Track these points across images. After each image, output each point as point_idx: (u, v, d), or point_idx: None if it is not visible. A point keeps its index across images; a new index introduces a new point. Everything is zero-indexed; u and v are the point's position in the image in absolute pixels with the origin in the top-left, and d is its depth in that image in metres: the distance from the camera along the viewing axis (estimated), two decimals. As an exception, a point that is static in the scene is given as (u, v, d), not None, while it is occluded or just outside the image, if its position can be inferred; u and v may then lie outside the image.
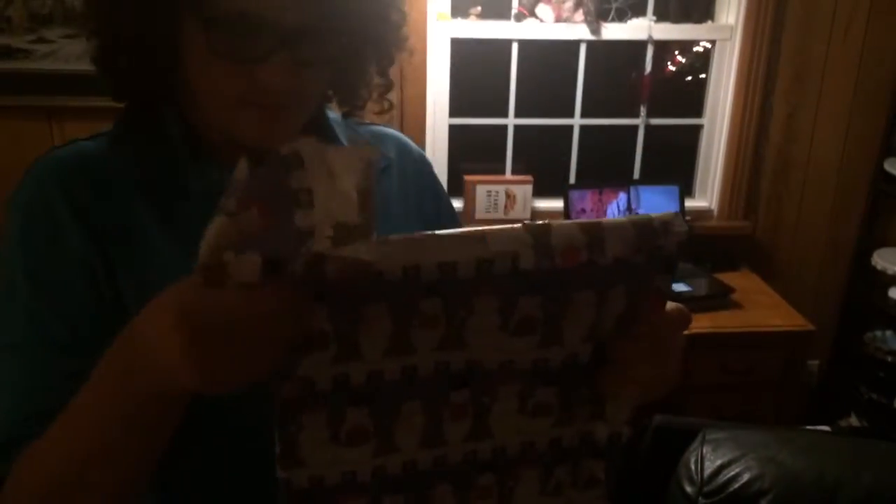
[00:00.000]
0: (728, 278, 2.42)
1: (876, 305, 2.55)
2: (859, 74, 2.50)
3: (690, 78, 2.72)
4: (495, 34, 2.45)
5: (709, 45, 2.59)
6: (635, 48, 2.55)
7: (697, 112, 2.66)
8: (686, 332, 0.62)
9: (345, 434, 0.55)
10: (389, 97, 0.82)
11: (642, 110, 2.60)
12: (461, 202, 2.49)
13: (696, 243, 2.42)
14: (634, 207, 2.47)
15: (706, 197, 2.70)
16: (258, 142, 0.69)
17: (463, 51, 2.47)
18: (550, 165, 2.68)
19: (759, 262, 2.62)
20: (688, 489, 1.33)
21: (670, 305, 0.59)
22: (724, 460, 1.33)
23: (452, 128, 2.54)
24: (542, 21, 2.41)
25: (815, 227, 2.66)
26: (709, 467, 1.33)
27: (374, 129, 0.90)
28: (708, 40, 2.58)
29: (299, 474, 0.55)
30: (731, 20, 2.50)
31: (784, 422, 2.39)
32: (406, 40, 0.78)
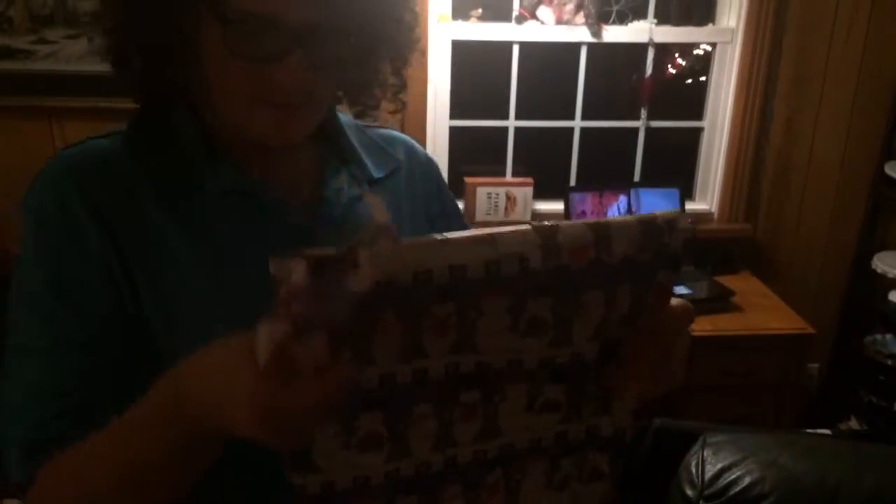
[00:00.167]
0: (728, 281, 2.42)
1: (876, 309, 2.54)
2: (860, 77, 2.50)
3: (691, 81, 2.72)
4: (496, 36, 2.45)
5: (709, 48, 2.59)
6: (636, 51, 2.55)
7: (698, 115, 2.66)
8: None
9: (358, 439, 0.55)
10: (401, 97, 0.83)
11: (643, 113, 2.60)
12: (462, 204, 2.49)
13: (697, 246, 2.42)
14: (635, 210, 2.47)
15: (706, 200, 2.70)
16: (272, 141, 0.70)
17: (464, 53, 2.47)
18: (551, 168, 2.68)
19: (760, 265, 2.62)
20: (688, 492, 1.33)
21: (674, 301, 0.59)
22: (725, 463, 1.33)
23: (453, 130, 2.54)
24: (543, 23, 2.41)
25: (816, 230, 2.66)
26: (709, 470, 1.33)
27: (383, 132, 0.91)
28: (709, 43, 2.58)
29: (312, 480, 0.55)
30: (732, 23, 2.50)
31: (784, 425, 2.39)
32: (419, 41, 0.79)
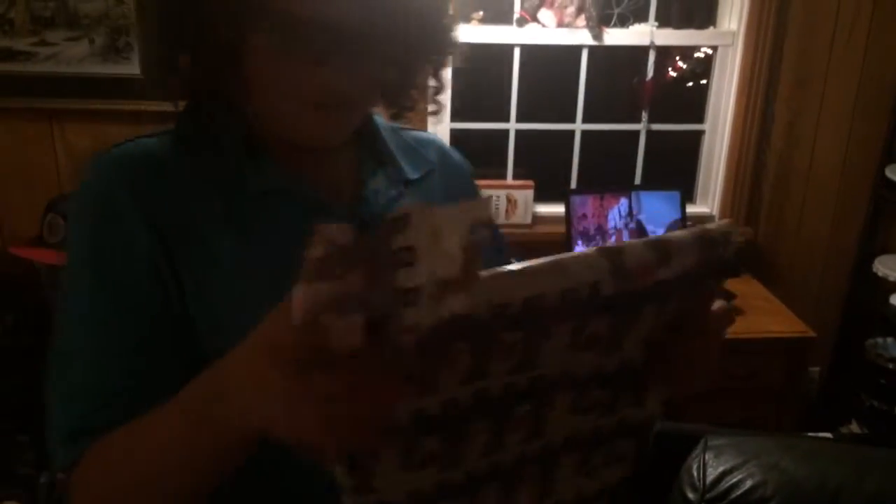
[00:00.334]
0: (729, 284, 2.41)
1: (877, 312, 2.54)
2: (861, 81, 2.50)
3: (692, 84, 2.72)
4: (497, 39, 2.45)
5: (710, 51, 2.59)
6: (637, 53, 2.55)
7: (699, 118, 2.66)
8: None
9: (417, 461, 0.56)
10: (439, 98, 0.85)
11: (644, 116, 2.60)
12: (462, 206, 2.49)
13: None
14: (635, 213, 2.47)
15: (707, 203, 2.70)
16: (315, 141, 0.72)
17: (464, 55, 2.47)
18: (552, 170, 2.68)
19: (761, 269, 2.62)
20: (690, 496, 1.32)
21: (716, 304, 0.62)
22: (727, 467, 1.33)
23: (454, 132, 2.54)
24: (544, 26, 2.41)
25: (817, 234, 2.66)
26: (711, 474, 1.33)
27: (417, 134, 0.92)
28: (710, 46, 2.58)
29: (368, 500, 0.56)
30: (734, 26, 2.50)
31: (785, 428, 2.39)
32: (458, 44, 0.80)
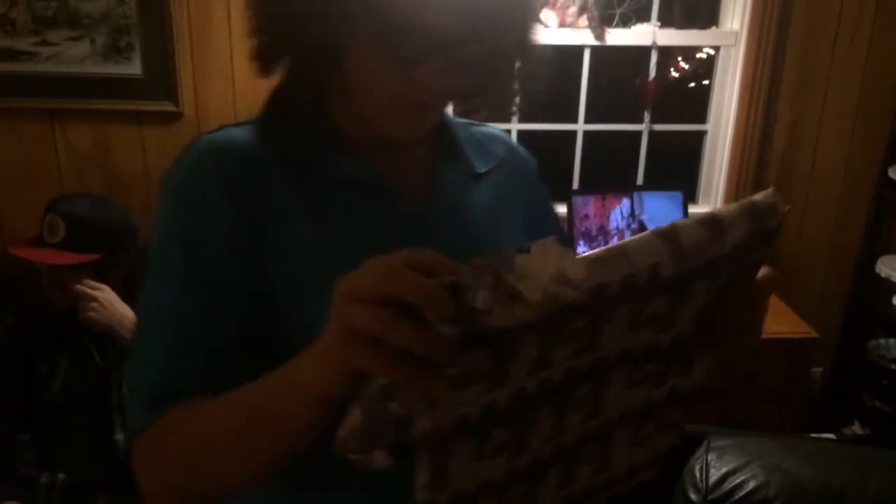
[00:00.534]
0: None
1: (880, 313, 2.53)
2: (864, 81, 2.49)
3: (694, 84, 2.72)
4: (499, 39, 2.45)
5: (713, 51, 2.59)
6: (639, 54, 2.55)
7: (701, 118, 2.65)
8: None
9: (488, 452, 0.57)
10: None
11: (646, 116, 2.59)
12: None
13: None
14: (638, 213, 2.47)
15: (710, 203, 2.69)
16: (402, 135, 0.76)
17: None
18: (554, 171, 2.67)
19: (763, 269, 2.61)
20: (692, 496, 1.32)
21: (761, 272, 0.63)
22: (730, 468, 1.32)
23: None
24: (547, 26, 2.41)
25: (820, 234, 2.65)
26: (714, 475, 1.32)
27: (484, 130, 0.95)
28: (712, 46, 2.58)
29: (442, 494, 0.57)
30: (736, 26, 2.50)
31: (787, 429, 2.38)
32: (541, 48, 0.82)
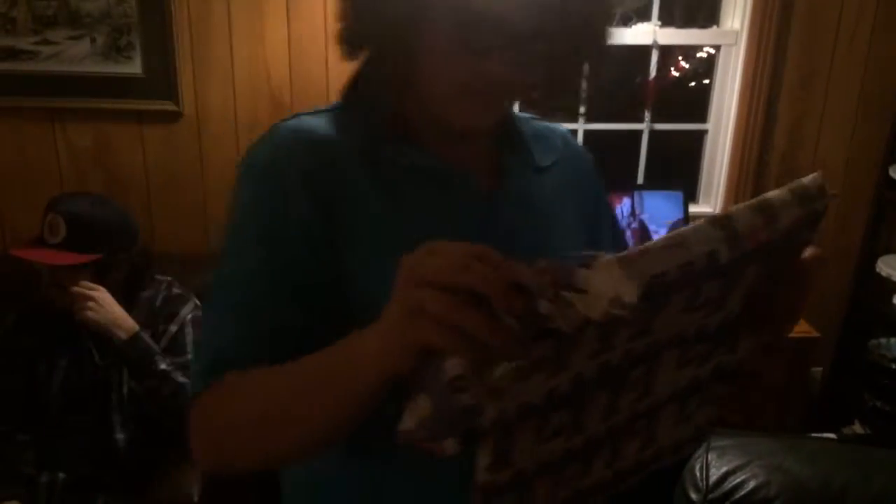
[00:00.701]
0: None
1: (880, 312, 2.53)
2: (864, 80, 2.49)
3: (695, 83, 2.71)
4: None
5: (713, 51, 2.59)
6: (640, 53, 2.54)
7: (702, 117, 2.65)
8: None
9: (548, 434, 0.59)
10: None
11: (646, 115, 2.59)
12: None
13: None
14: (638, 213, 2.46)
15: (710, 202, 2.69)
16: (469, 124, 0.78)
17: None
18: (554, 170, 2.67)
19: (763, 269, 2.60)
20: (693, 496, 1.32)
21: (808, 252, 0.66)
22: (730, 467, 1.32)
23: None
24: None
25: (820, 234, 2.61)
26: (714, 474, 1.32)
27: (545, 124, 0.98)
28: (713, 45, 2.57)
29: (504, 474, 0.59)
30: (737, 25, 2.49)
31: (788, 429, 2.38)
32: (610, 47, 0.84)
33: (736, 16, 2.49)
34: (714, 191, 2.67)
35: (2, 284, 1.99)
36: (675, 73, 2.70)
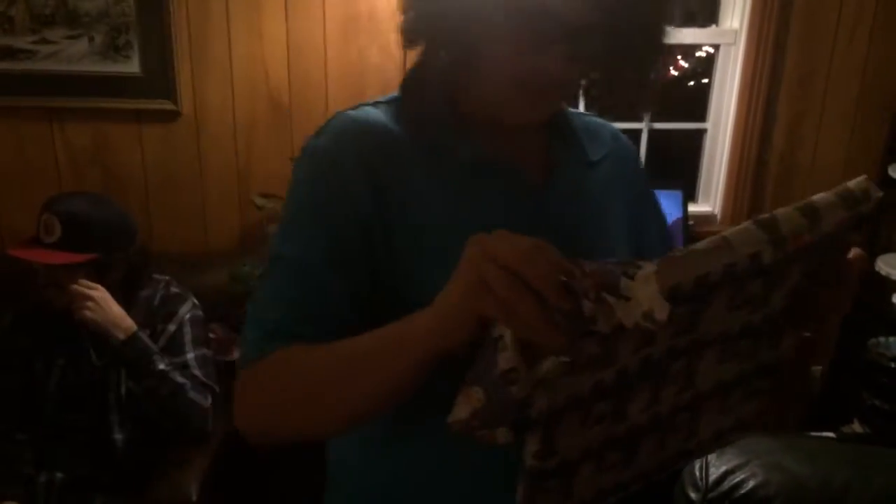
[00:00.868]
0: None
1: (880, 311, 2.53)
2: (864, 79, 2.49)
3: (694, 82, 2.71)
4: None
5: (712, 50, 2.58)
6: (639, 52, 2.54)
7: (701, 116, 2.65)
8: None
9: (591, 422, 0.61)
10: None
11: (645, 114, 2.59)
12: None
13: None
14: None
15: (709, 202, 2.69)
16: (523, 118, 0.80)
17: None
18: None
19: (763, 268, 2.60)
20: (692, 495, 1.32)
21: (852, 252, 0.67)
22: (729, 466, 1.32)
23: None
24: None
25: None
26: (713, 473, 1.32)
27: (595, 119, 0.99)
28: (712, 45, 2.57)
29: (551, 461, 0.61)
30: (736, 24, 2.49)
31: (787, 428, 2.38)
32: (668, 48, 0.85)
33: (735, 15, 2.49)
34: (713, 190, 2.67)
35: (2, 282, 1.99)
36: (674, 73, 2.70)
